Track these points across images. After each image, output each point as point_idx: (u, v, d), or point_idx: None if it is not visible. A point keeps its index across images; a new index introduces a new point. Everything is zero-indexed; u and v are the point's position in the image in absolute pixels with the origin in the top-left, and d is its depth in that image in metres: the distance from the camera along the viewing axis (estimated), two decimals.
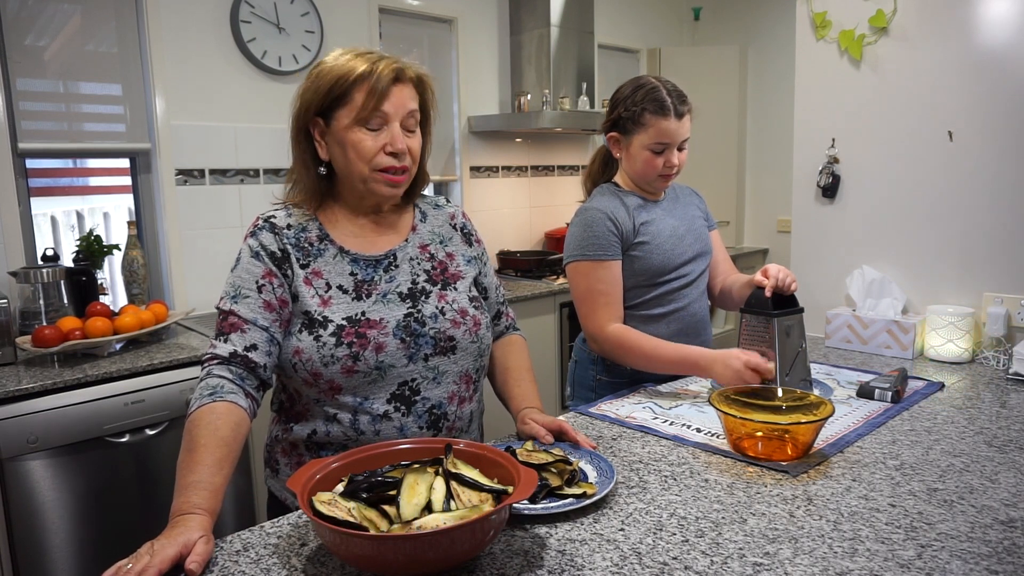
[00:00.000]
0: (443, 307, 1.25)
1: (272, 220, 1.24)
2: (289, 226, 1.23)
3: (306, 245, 1.22)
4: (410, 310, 1.22)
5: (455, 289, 1.29)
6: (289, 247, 1.21)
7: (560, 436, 1.27)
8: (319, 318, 1.18)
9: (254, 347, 1.16)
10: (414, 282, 1.25)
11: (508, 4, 3.79)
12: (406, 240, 1.29)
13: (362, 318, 1.18)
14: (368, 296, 1.21)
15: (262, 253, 1.20)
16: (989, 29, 1.88)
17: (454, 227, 1.37)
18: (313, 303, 1.18)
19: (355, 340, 1.16)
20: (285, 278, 1.20)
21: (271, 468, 1.31)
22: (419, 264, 1.28)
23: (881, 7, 2.06)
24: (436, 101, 1.30)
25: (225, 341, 1.17)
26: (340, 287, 1.21)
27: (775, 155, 4.57)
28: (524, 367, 1.41)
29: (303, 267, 1.21)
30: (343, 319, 1.18)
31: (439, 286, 1.27)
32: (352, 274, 1.22)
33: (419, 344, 1.21)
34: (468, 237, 1.39)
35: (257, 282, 1.18)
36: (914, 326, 1.91)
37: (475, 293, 1.33)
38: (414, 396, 1.21)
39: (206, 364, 1.17)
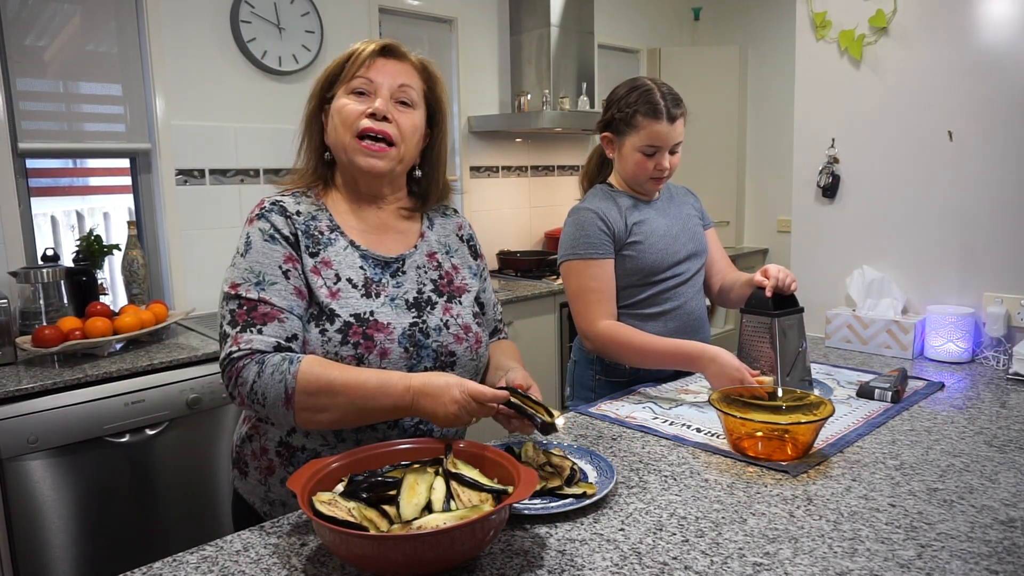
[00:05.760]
0: (447, 320, 1.21)
1: (281, 203, 1.18)
2: (298, 212, 1.18)
3: (316, 233, 1.17)
4: (415, 319, 1.18)
5: (460, 303, 1.25)
6: (299, 232, 1.16)
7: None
8: (326, 311, 1.12)
9: (295, 337, 1.10)
10: (420, 291, 1.21)
11: (508, 4, 3.78)
12: (415, 247, 1.26)
13: (371, 318, 1.13)
14: (377, 296, 1.16)
15: (277, 236, 1.13)
16: (989, 29, 1.88)
17: (461, 238, 1.34)
18: (321, 293, 1.13)
19: (361, 341, 1.11)
20: (302, 264, 1.14)
21: (239, 470, 1.25)
22: (426, 273, 1.24)
23: (881, 7, 2.06)
24: (448, 97, 1.28)
25: (259, 332, 1.07)
26: (350, 280, 1.16)
27: (775, 155, 4.57)
28: (511, 353, 1.36)
29: (312, 255, 1.15)
30: (351, 316, 1.12)
31: (445, 298, 1.24)
32: (362, 268, 1.18)
33: (420, 356, 1.16)
34: (474, 250, 1.36)
35: (281, 267, 1.12)
36: (914, 326, 1.91)
37: (477, 308, 1.30)
38: None
39: (240, 361, 1.06)
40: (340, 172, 1.24)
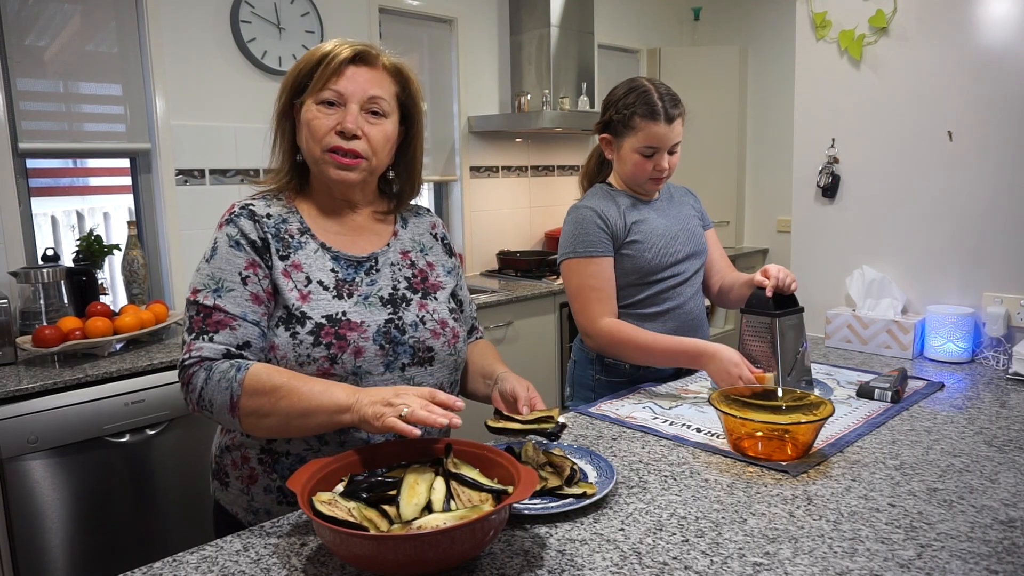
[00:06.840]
0: (423, 316, 1.21)
1: (251, 207, 1.17)
2: (269, 215, 1.17)
3: (286, 236, 1.16)
4: (391, 316, 1.17)
5: (435, 299, 1.25)
6: (269, 236, 1.15)
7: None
8: (297, 314, 1.11)
9: (247, 344, 1.10)
10: (395, 288, 1.21)
11: (508, 4, 3.78)
12: (387, 245, 1.26)
13: (343, 318, 1.13)
14: (349, 296, 1.16)
15: (242, 242, 1.13)
16: (989, 29, 1.88)
17: (435, 236, 1.34)
18: (291, 296, 1.12)
19: (334, 341, 1.11)
20: (268, 269, 1.14)
21: (220, 480, 1.23)
22: (400, 270, 1.24)
23: (881, 7, 2.06)
24: (422, 96, 1.26)
25: (210, 340, 1.09)
26: (320, 283, 1.15)
27: (775, 155, 4.57)
28: (492, 354, 1.37)
29: (282, 259, 1.15)
30: (322, 317, 1.12)
31: (419, 294, 1.23)
32: (333, 271, 1.17)
33: (397, 352, 1.16)
34: (448, 248, 1.36)
35: (240, 273, 1.12)
36: (914, 326, 1.91)
37: (453, 305, 1.29)
38: None
39: (191, 368, 1.08)
40: (313, 177, 1.23)
